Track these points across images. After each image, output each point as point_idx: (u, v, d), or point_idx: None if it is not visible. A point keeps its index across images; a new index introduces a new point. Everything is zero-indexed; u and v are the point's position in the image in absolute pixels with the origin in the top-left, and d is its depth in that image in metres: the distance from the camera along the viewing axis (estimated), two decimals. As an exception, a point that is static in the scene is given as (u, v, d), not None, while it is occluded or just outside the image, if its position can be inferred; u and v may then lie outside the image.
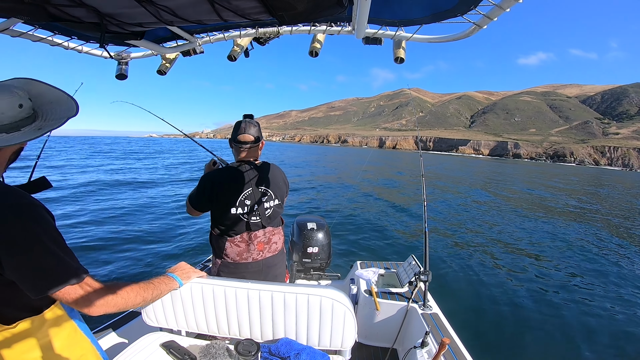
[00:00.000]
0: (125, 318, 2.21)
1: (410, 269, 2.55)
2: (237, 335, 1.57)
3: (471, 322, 4.20)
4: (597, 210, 15.72)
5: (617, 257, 7.82)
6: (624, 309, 5.00)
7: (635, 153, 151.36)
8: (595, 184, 35.61)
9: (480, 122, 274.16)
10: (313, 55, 1.73)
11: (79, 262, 0.97)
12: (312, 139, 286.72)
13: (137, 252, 6.01)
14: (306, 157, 51.54)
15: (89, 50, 1.79)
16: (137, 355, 1.42)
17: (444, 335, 2.03)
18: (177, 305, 1.55)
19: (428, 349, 1.88)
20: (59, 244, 0.93)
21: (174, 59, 2.03)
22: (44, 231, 0.90)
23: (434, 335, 2.00)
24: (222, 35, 1.84)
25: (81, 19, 0.95)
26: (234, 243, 1.86)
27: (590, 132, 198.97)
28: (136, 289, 1.18)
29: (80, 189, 12.46)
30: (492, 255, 7.21)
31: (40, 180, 1.01)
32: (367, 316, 2.51)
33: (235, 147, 1.89)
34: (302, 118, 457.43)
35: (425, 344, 1.88)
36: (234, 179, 1.82)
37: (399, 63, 1.66)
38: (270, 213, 1.91)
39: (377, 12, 1.49)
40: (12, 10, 0.92)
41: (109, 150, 44.20)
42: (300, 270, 3.22)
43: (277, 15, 1.10)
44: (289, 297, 1.46)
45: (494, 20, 1.25)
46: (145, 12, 0.91)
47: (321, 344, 1.50)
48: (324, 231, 3.21)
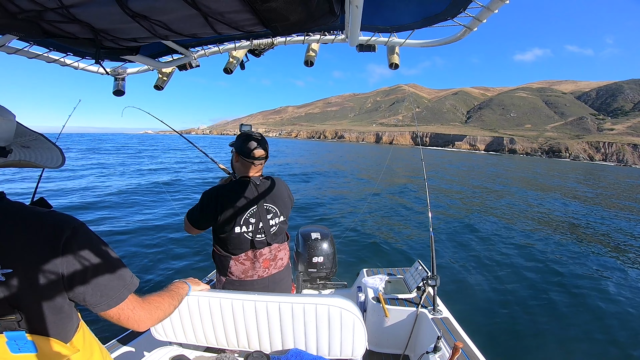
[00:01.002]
0: (134, 333, 2.18)
1: (417, 274, 2.56)
2: (246, 347, 1.57)
3: (484, 325, 4.16)
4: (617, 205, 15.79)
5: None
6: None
7: (630, 149, 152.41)
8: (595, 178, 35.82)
9: (476, 117, 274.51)
10: (308, 64, 1.72)
11: (131, 272, 1.02)
12: (308, 134, 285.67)
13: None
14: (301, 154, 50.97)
15: (85, 67, 1.78)
16: None
17: (456, 339, 2.02)
18: (186, 319, 1.55)
19: (441, 353, 1.87)
20: (115, 257, 0.99)
21: (171, 73, 2.01)
22: (106, 246, 0.96)
23: (446, 339, 1.99)
24: (217, 48, 1.82)
25: (75, 34, 0.96)
26: (238, 261, 1.81)
27: (585, 128, 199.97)
28: (167, 299, 1.21)
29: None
30: (503, 255, 7.11)
31: (39, 202, 1.03)
32: (376, 323, 2.50)
33: (246, 162, 1.80)
34: (299, 114, 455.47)
35: (437, 348, 1.87)
36: (239, 196, 1.76)
37: (393, 69, 1.67)
38: (275, 230, 1.86)
39: (369, 19, 1.50)
40: (6, 26, 0.92)
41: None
42: (307, 280, 3.23)
43: (271, 26, 1.11)
44: (296, 308, 1.46)
45: (484, 22, 1.28)
46: (139, 27, 0.92)
47: (331, 353, 1.50)
48: (328, 240, 3.23)
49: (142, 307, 1.04)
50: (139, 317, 1.02)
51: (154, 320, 1.08)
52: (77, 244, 0.88)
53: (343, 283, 3.41)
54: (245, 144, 1.79)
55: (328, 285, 3.31)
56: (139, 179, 15.96)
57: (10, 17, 0.84)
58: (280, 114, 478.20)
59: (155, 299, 1.14)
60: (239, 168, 1.87)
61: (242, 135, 1.84)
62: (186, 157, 30.64)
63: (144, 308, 1.05)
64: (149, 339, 2.01)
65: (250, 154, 1.77)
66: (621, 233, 10.49)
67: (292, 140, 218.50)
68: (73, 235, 0.88)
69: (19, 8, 0.82)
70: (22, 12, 0.84)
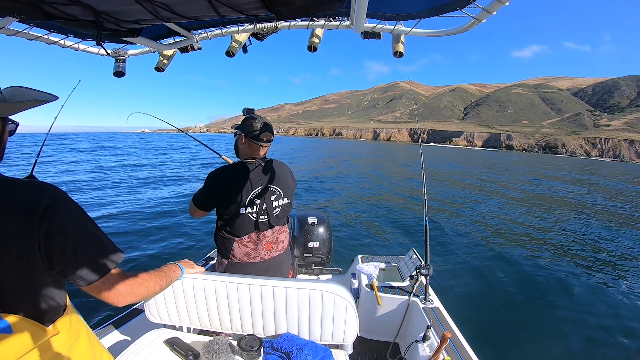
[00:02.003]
0: (127, 315, 2.20)
1: (411, 262, 2.56)
2: (239, 331, 1.58)
3: (473, 316, 4.22)
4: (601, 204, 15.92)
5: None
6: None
7: (626, 144, 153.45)
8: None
9: (473, 114, 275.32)
10: (312, 50, 1.70)
11: (115, 245, 0.98)
12: (306, 132, 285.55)
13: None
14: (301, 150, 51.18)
15: (86, 48, 1.75)
16: (141, 352, 1.42)
17: (445, 329, 2.04)
18: (180, 301, 1.55)
19: (430, 342, 1.89)
20: (100, 229, 0.94)
21: (172, 56, 1.99)
22: (88, 218, 0.92)
23: (436, 329, 2.01)
24: (219, 31, 1.80)
25: (77, 17, 0.93)
26: (241, 243, 1.81)
27: (582, 124, 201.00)
28: (154, 277, 1.19)
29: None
30: (494, 248, 7.23)
31: (29, 178, 0.99)
32: (368, 310, 2.53)
33: (254, 144, 1.81)
34: (297, 111, 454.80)
35: (426, 337, 1.90)
36: (244, 177, 1.76)
37: (398, 57, 1.64)
38: (278, 212, 1.86)
39: (376, 6, 1.48)
40: (7, 9, 0.89)
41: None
42: (302, 265, 3.23)
43: (275, 10, 1.08)
44: (290, 292, 1.47)
45: (493, 14, 1.25)
46: (141, 9, 0.89)
47: (323, 338, 1.51)
48: (324, 226, 3.22)
49: (124, 281, 1.01)
50: (119, 292, 0.99)
51: (135, 297, 1.05)
52: (55, 214, 0.82)
53: (338, 269, 3.43)
54: (250, 126, 1.80)
55: (323, 271, 3.32)
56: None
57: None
58: (278, 112, 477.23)
59: (141, 275, 1.12)
60: (245, 150, 1.85)
61: (249, 118, 1.84)
62: (190, 156, 30.30)
63: (126, 283, 1.01)
64: (143, 322, 2.01)
65: (259, 135, 1.79)
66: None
67: (290, 137, 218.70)
68: (52, 204, 0.82)
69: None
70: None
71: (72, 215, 0.87)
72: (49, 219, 0.81)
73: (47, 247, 0.81)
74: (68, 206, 0.87)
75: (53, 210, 0.82)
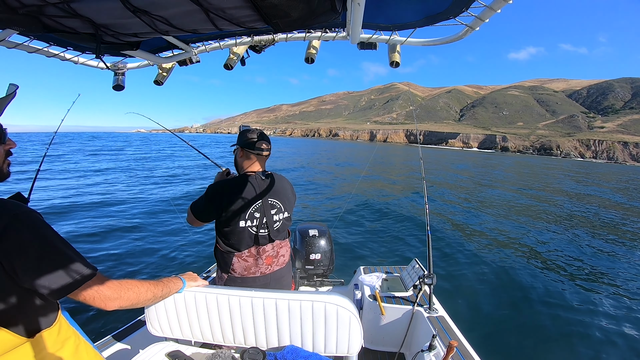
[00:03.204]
0: (130, 328, 2.19)
1: (414, 272, 2.57)
2: (242, 343, 1.56)
3: (479, 324, 4.20)
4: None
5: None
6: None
7: (620, 146, 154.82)
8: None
9: (469, 115, 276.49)
10: (309, 62, 1.72)
11: (86, 259, 1.00)
12: (303, 132, 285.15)
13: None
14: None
15: (85, 62, 1.77)
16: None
17: (451, 338, 2.03)
18: (182, 314, 1.54)
19: (436, 352, 1.88)
20: (67, 245, 0.96)
21: (171, 69, 2.01)
22: (53, 234, 0.94)
23: (442, 338, 2.01)
24: (218, 44, 1.82)
25: (76, 29, 0.94)
26: (241, 258, 1.81)
27: (576, 126, 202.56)
28: (146, 284, 1.21)
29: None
30: (498, 255, 7.18)
31: (16, 197, 1.03)
32: (372, 321, 2.51)
33: (252, 155, 1.83)
34: (293, 112, 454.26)
35: (432, 347, 1.89)
36: (245, 190, 1.75)
37: (394, 67, 1.67)
38: (279, 226, 1.86)
39: (371, 17, 1.50)
40: (6, 21, 0.91)
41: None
42: (304, 277, 3.24)
43: (272, 22, 1.10)
44: (293, 304, 1.46)
45: (486, 21, 1.29)
46: (140, 22, 0.91)
47: (327, 350, 1.50)
48: (325, 237, 3.23)
49: (108, 287, 1.03)
50: (104, 296, 1.02)
51: (123, 301, 1.08)
52: (15, 232, 0.86)
53: (340, 280, 3.42)
54: (250, 137, 1.83)
55: (325, 283, 3.32)
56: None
57: (11, 11, 0.83)
58: (275, 112, 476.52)
59: (131, 282, 1.15)
60: (244, 163, 1.87)
61: (245, 131, 1.87)
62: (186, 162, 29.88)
63: (111, 288, 1.04)
64: (145, 335, 2.01)
65: (255, 145, 1.80)
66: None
67: (287, 138, 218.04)
68: (11, 223, 0.85)
69: (20, 3, 0.81)
70: (23, 7, 0.83)
71: (33, 233, 0.89)
72: (7, 239, 0.84)
73: (9, 265, 0.85)
74: (29, 224, 0.90)
75: (13, 229, 0.86)
